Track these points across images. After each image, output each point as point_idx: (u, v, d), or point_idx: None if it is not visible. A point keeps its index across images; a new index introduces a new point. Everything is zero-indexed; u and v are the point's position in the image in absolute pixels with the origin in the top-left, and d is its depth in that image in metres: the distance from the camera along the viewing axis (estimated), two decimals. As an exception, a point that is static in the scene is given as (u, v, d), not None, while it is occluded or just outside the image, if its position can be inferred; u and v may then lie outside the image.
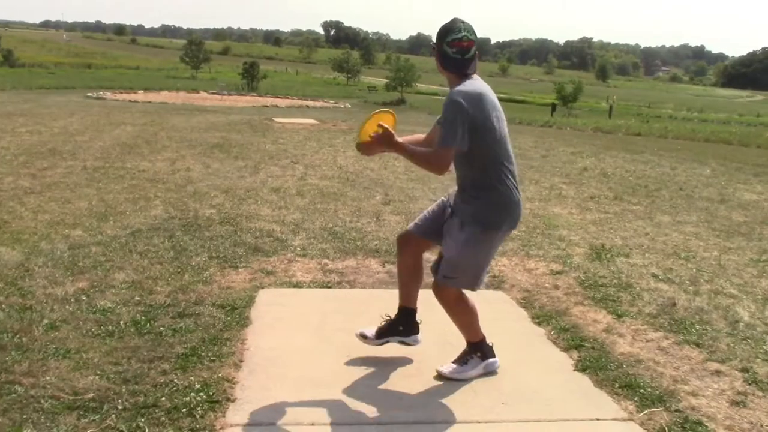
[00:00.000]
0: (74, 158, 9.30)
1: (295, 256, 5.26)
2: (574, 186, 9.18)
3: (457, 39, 3.10)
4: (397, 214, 6.85)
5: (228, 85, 42.58)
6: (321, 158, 10.50)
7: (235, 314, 4.00)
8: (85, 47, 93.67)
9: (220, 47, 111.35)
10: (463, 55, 3.11)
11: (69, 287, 4.31)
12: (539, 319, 4.23)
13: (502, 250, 5.71)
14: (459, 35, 3.10)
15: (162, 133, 12.86)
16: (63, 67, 56.64)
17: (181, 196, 7.16)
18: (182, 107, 23.05)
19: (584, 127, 23.61)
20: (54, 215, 6.12)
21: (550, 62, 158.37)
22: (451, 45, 3.11)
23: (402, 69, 46.98)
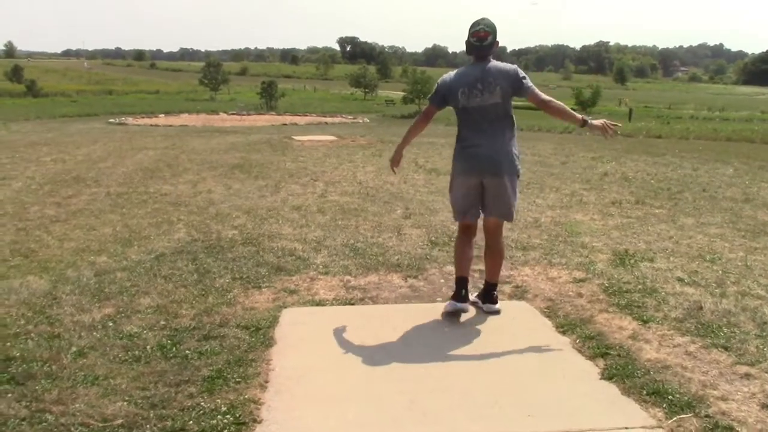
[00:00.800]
0: (98, 185, 9.43)
1: (317, 274, 5.29)
2: (595, 192, 9.13)
3: (476, 30, 4.21)
4: (418, 227, 6.86)
5: (247, 105, 42.94)
6: (341, 174, 10.55)
7: (259, 335, 4.02)
8: (105, 74, 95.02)
9: (238, 68, 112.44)
10: (481, 42, 4.22)
11: (96, 314, 4.36)
12: (564, 328, 4.21)
13: (524, 260, 5.71)
14: (477, 27, 4.22)
15: (183, 156, 13.00)
16: (85, 94, 57.50)
17: (203, 218, 7.23)
18: (202, 129, 23.28)
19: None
20: (79, 242, 6.21)
21: (567, 68, 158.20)
22: (472, 35, 4.23)
23: (419, 81, 47.00)
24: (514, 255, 5.83)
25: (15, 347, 3.81)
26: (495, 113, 4.24)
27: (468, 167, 4.30)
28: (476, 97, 4.20)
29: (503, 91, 4.19)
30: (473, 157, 4.27)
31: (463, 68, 4.37)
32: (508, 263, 5.57)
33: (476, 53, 4.25)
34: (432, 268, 5.48)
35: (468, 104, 4.23)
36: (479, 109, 4.22)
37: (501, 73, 4.21)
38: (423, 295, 4.86)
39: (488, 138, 4.24)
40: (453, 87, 4.26)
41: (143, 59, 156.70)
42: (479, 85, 4.19)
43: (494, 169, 4.24)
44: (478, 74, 4.21)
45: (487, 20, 4.23)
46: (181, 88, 67.58)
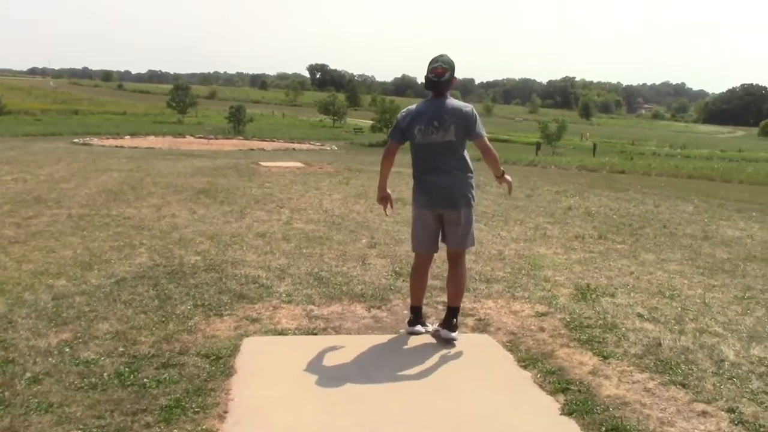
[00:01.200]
0: (59, 206, 9.29)
1: (280, 302, 5.25)
2: (558, 225, 9.24)
3: (434, 66, 4.36)
4: (383, 257, 6.87)
5: (214, 129, 42.77)
6: (307, 202, 10.53)
7: (219, 364, 3.97)
8: (72, 93, 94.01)
9: (206, 91, 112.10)
10: (438, 78, 4.36)
11: (52, 339, 4.28)
12: (525, 363, 4.22)
13: (487, 292, 5.74)
14: (435, 64, 4.36)
15: (148, 179, 12.88)
16: (50, 113, 56.76)
17: (166, 243, 7.15)
18: (168, 152, 23.12)
19: (569, 166, 23.84)
20: (38, 265, 6.10)
21: (533, 101, 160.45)
22: (430, 71, 4.37)
23: (387, 110, 47.23)
24: (478, 288, 5.86)
25: (-34, 372, 3.71)
26: (450, 150, 4.38)
27: (425, 200, 4.48)
28: (432, 134, 4.35)
29: (457, 130, 4.34)
30: (429, 192, 4.45)
31: (422, 104, 4.50)
32: (471, 295, 5.59)
33: (434, 89, 4.41)
34: (396, 298, 5.48)
35: (424, 141, 4.38)
36: (434, 146, 4.38)
37: (456, 112, 4.36)
38: (386, 326, 4.85)
39: (443, 173, 4.40)
40: (411, 123, 4.41)
41: (111, 80, 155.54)
42: (435, 122, 4.33)
43: (450, 203, 4.42)
44: (434, 111, 4.37)
45: (445, 57, 4.36)
46: (148, 110, 67.00)
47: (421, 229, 4.57)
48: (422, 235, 4.59)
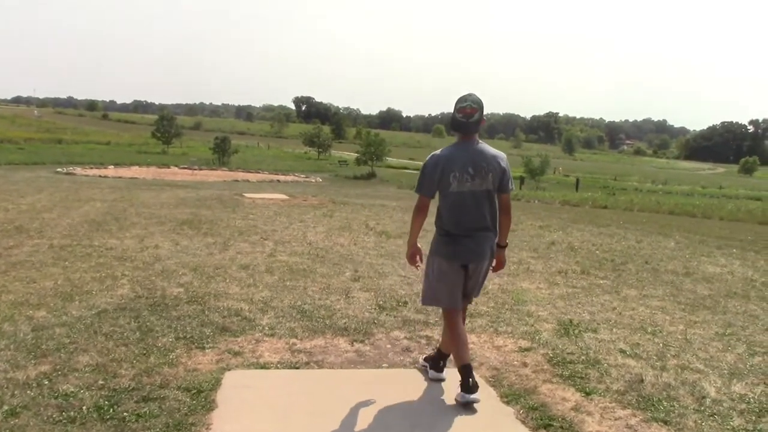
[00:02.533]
0: (41, 236, 9.22)
1: (263, 335, 5.23)
2: (542, 260, 9.28)
3: (463, 106, 4.03)
4: (367, 290, 6.86)
5: (199, 160, 42.77)
6: (291, 234, 10.52)
7: (200, 398, 3.94)
8: (56, 122, 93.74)
9: (191, 122, 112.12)
10: (468, 119, 4.03)
11: (31, 371, 4.22)
12: (508, 398, 4.22)
13: (470, 327, 5.73)
14: (464, 104, 4.03)
15: (131, 210, 12.83)
16: (33, 142, 56.49)
17: (148, 274, 7.11)
18: (152, 182, 23.07)
19: (552, 200, 24.02)
20: (18, 295, 6.04)
21: (517, 136, 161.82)
22: (458, 111, 4.04)
23: (372, 143, 47.50)
24: (461, 322, 5.85)
25: (-58, 405, 3.66)
26: (486, 199, 4.10)
27: (456, 253, 4.14)
28: (467, 182, 4.04)
29: (494, 179, 4.08)
30: (462, 243, 4.12)
31: (451, 148, 4.13)
32: (454, 330, 5.59)
33: (463, 131, 4.08)
34: (379, 333, 5.46)
35: (459, 189, 4.04)
36: (470, 195, 4.06)
37: (493, 160, 4.10)
38: (369, 361, 4.84)
39: (477, 224, 4.11)
40: (444, 171, 4.03)
41: (96, 109, 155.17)
42: (470, 168, 4.03)
43: (482, 255, 4.17)
44: (468, 156, 4.06)
45: (474, 96, 4.03)
46: (133, 140, 66.84)
47: (452, 283, 4.18)
48: (453, 290, 4.19)
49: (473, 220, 4.09)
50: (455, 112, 4.03)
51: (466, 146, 4.09)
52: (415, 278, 7.55)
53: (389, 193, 23.16)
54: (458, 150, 4.09)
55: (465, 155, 4.06)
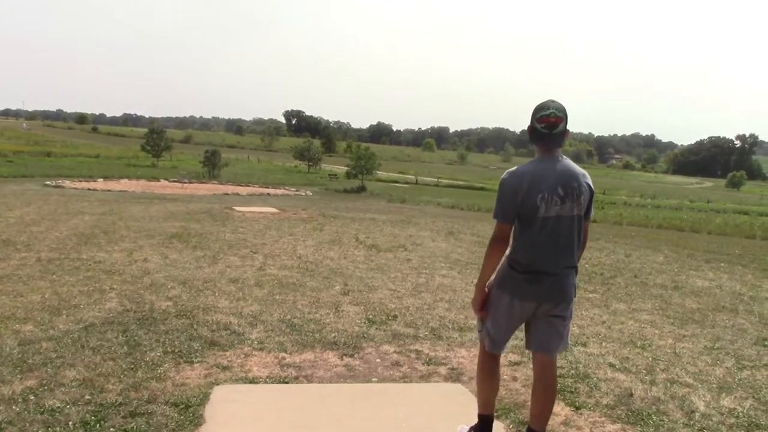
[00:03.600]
0: (29, 249, 9.16)
1: (252, 350, 5.20)
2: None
3: (545, 115, 3.33)
4: (356, 304, 6.84)
5: (189, 173, 42.65)
6: (280, 247, 10.50)
7: (188, 413, 3.91)
8: (45, 135, 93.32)
9: (181, 135, 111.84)
10: (551, 130, 3.33)
11: (17, 386, 4.18)
12: (498, 413, 4.20)
13: (460, 341, 5.73)
14: (547, 112, 3.33)
15: (120, 223, 12.77)
16: (22, 155, 56.17)
17: (137, 288, 7.07)
18: (142, 196, 22.98)
19: (541, 214, 24.03)
20: (5, 309, 5.98)
21: (507, 150, 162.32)
22: (540, 121, 3.34)
23: (362, 157, 47.45)
24: (451, 336, 5.86)
25: (-74, 420, 3.61)
26: (575, 226, 3.39)
27: (532, 291, 3.40)
28: (555, 205, 3.32)
29: (584, 202, 3.41)
30: (541, 281, 3.38)
31: (533, 164, 3.41)
32: (444, 344, 5.60)
33: (545, 144, 3.37)
34: (368, 347, 5.45)
35: (546, 214, 3.32)
36: (556, 222, 3.34)
37: (583, 178, 3.42)
38: (358, 375, 4.82)
39: (562, 258, 3.40)
40: (531, 190, 3.30)
41: (85, 122, 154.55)
42: (560, 189, 3.32)
43: (563, 295, 3.45)
44: (557, 175, 3.35)
45: (557, 103, 3.37)
46: (122, 153, 66.61)
47: (508, 324, 3.52)
48: (506, 332, 3.55)
49: (559, 252, 3.38)
50: (535, 121, 3.35)
51: (551, 162, 3.37)
52: (405, 292, 7.55)
53: (379, 207, 23.14)
54: (542, 167, 3.37)
55: (552, 173, 3.34)
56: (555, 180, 3.32)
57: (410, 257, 10.19)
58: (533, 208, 3.30)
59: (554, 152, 3.39)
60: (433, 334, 5.89)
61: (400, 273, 8.74)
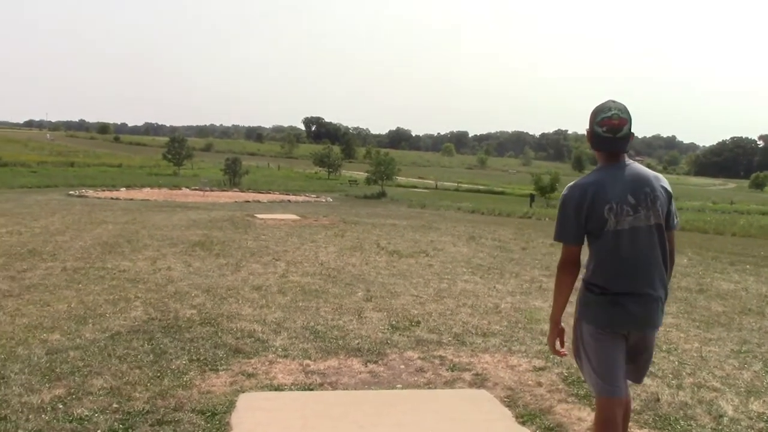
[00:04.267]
0: (54, 259, 9.27)
1: (276, 357, 5.22)
2: (554, 278, 9.21)
3: (607, 117, 3.02)
4: (379, 310, 6.85)
5: (210, 181, 42.92)
6: (302, 254, 10.53)
7: (215, 420, 3.93)
8: (68, 145, 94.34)
9: (202, 144, 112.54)
10: (615, 134, 3.02)
11: (45, 395, 4.23)
12: (524, 419, 4.19)
13: (484, 346, 5.71)
14: (609, 114, 3.02)
15: (143, 231, 12.88)
16: (46, 165, 56.86)
17: (161, 296, 7.12)
18: (164, 204, 23.17)
19: (563, 218, 23.90)
20: (32, 318, 6.06)
21: (526, 154, 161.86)
22: (601, 124, 3.03)
23: (382, 163, 47.51)
24: (475, 342, 5.84)
25: (-42, 430, 3.67)
26: (656, 238, 3.03)
27: (611, 320, 3.06)
28: (627, 215, 2.98)
29: (662, 209, 3.05)
30: (625, 304, 3.02)
31: (594, 175, 3.10)
32: (468, 350, 5.59)
33: (609, 149, 3.06)
34: (392, 353, 5.45)
35: (618, 227, 2.99)
36: (632, 234, 3.00)
37: (657, 182, 3.08)
38: (383, 381, 4.82)
39: (645, 276, 3.02)
40: (596, 202, 2.99)
41: (107, 132, 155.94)
42: (630, 197, 2.99)
43: (648, 324, 3.11)
44: (624, 181, 3.02)
45: (618, 103, 3.06)
46: (144, 162, 67.19)
47: (612, 358, 3.08)
48: (614, 368, 3.08)
49: (640, 269, 3.02)
50: (596, 125, 3.04)
51: (617, 169, 3.06)
52: (427, 298, 7.54)
53: (400, 212, 23.15)
54: (607, 175, 3.05)
55: (619, 180, 3.02)
56: (623, 187, 3.00)
57: (432, 263, 10.18)
58: (602, 221, 2.98)
59: (619, 157, 3.07)
60: (457, 340, 5.88)
61: (422, 279, 8.74)
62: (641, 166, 3.11)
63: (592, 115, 3.07)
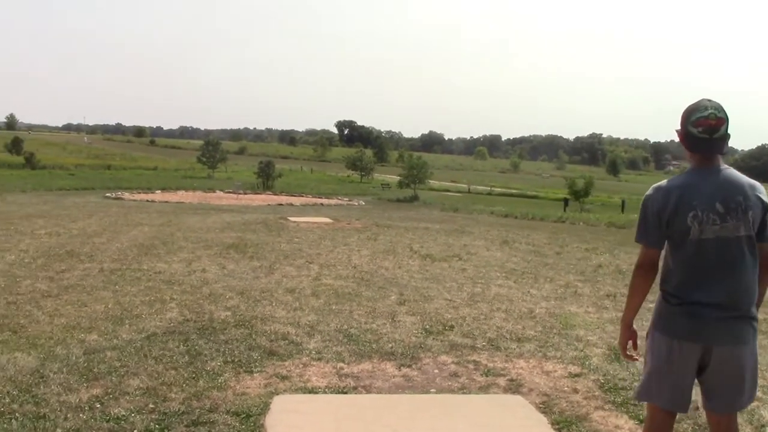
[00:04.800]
0: (91, 260, 9.40)
1: (310, 359, 5.23)
2: (589, 284, 9.14)
3: (703, 117, 2.84)
4: (412, 314, 6.83)
5: (243, 184, 43.29)
6: (335, 257, 10.55)
7: (249, 422, 3.95)
8: (105, 149, 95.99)
9: (236, 147, 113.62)
10: (711, 134, 2.83)
11: (83, 394, 4.29)
12: (559, 425, 4.14)
13: (519, 352, 5.66)
14: (705, 113, 2.84)
15: (178, 234, 13.02)
16: (83, 168, 57.86)
17: (196, 298, 7.19)
18: (198, 206, 23.40)
19: (597, 222, 23.68)
20: (70, 319, 6.15)
21: (560, 158, 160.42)
22: (696, 124, 2.85)
23: (415, 166, 47.57)
24: (509, 347, 5.79)
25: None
26: (744, 250, 2.82)
27: (689, 331, 2.85)
28: (714, 224, 2.80)
29: (753, 219, 2.82)
30: (702, 315, 2.82)
31: (683, 177, 2.92)
32: (503, 355, 5.54)
33: (703, 151, 2.88)
34: (426, 357, 5.42)
35: (702, 236, 2.80)
36: (717, 245, 2.81)
37: (752, 190, 2.86)
38: (416, 386, 4.80)
39: (728, 288, 2.82)
40: (680, 207, 2.82)
41: (143, 136, 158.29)
42: (718, 205, 2.79)
43: (733, 338, 2.84)
44: (714, 187, 2.83)
45: (714, 102, 2.88)
46: (179, 165, 68.05)
47: (674, 371, 2.90)
48: (674, 381, 2.91)
49: (725, 281, 2.81)
50: (690, 125, 2.86)
51: (709, 173, 2.87)
52: (461, 302, 7.50)
53: (432, 216, 23.10)
54: (697, 179, 2.87)
55: (709, 186, 2.83)
56: (712, 194, 2.80)
57: (465, 267, 10.13)
58: (684, 229, 2.80)
59: (714, 161, 2.87)
60: (491, 345, 5.84)
61: (455, 283, 8.70)
62: (737, 172, 2.92)
63: (685, 114, 2.89)
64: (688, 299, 2.84)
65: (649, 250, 2.94)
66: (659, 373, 2.93)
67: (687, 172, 2.93)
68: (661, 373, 2.92)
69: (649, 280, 2.97)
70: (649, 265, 2.94)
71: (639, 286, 3.00)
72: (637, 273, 2.99)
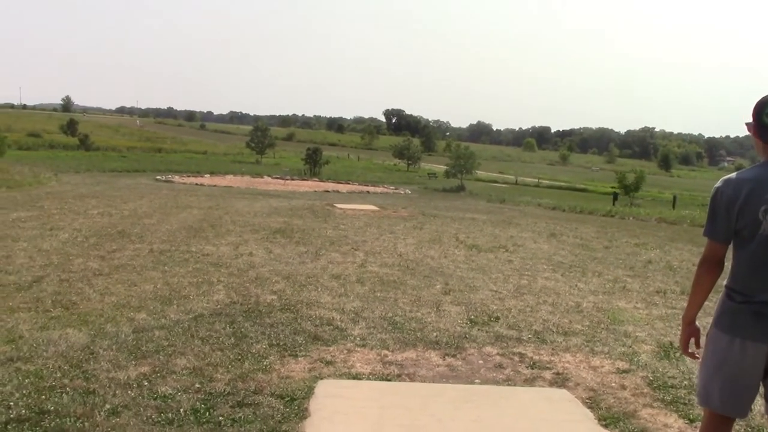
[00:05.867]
0: (142, 241, 9.56)
1: (354, 345, 5.23)
2: (639, 279, 8.96)
3: None
4: (457, 304, 6.78)
5: (291, 170, 43.61)
6: (381, 245, 10.54)
7: (294, 405, 3.96)
8: (156, 132, 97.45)
9: (284, 133, 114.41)
10: None
11: (131, 372, 4.35)
12: (606, 421, 4.06)
13: (565, 345, 5.58)
14: None
15: (226, 217, 13.16)
16: (135, 151, 58.91)
17: (243, 281, 7.25)
18: (246, 191, 23.64)
19: (647, 217, 23.24)
20: (120, 297, 6.26)
21: (611, 151, 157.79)
22: None
23: (462, 156, 47.33)
24: (555, 340, 5.71)
25: (50, 400, 3.81)
26: None
27: (752, 328, 2.71)
28: None
29: None
30: (764, 316, 2.68)
31: (754, 170, 2.77)
32: (548, 348, 5.46)
33: None
34: (471, 347, 5.38)
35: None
36: None
37: None
38: (461, 375, 4.76)
39: None
40: (750, 201, 2.68)
41: (194, 120, 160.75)
42: None
43: None
44: None
45: None
46: (228, 150, 68.75)
47: (736, 375, 2.75)
48: (736, 387, 2.76)
49: None
50: (765, 116, 2.72)
51: None
52: (507, 293, 7.43)
53: (479, 207, 22.95)
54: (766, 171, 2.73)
55: None
56: None
57: (511, 258, 10.03)
58: (754, 223, 2.66)
59: None
60: (537, 338, 5.76)
61: (501, 274, 8.62)
62: None
63: (758, 106, 2.73)
64: (754, 298, 2.70)
65: (715, 245, 2.80)
66: (716, 373, 2.79)
67: (757, 165, 2.78)
68: (718, 373, 2.78)
69: (714, 276, 2.84)
70: (714, 260, 2.81)
71: (703, 282, 2.87)
72: (701, 268, 2.87)
